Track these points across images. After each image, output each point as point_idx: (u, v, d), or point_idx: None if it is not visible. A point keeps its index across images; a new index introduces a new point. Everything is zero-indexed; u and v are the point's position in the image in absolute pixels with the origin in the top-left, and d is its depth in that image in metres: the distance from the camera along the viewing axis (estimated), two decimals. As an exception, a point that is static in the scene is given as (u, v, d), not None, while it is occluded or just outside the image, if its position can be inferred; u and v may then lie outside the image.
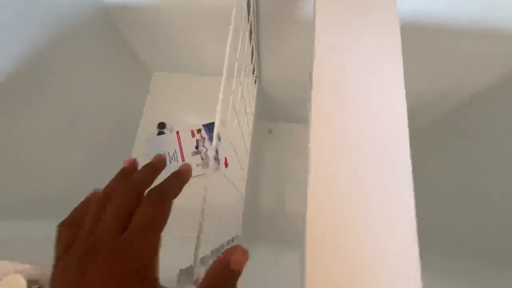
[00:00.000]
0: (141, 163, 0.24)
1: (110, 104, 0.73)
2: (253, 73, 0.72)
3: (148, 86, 0.88)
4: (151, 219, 0.18)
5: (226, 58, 0.28)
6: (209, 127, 0.81)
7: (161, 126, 0.83)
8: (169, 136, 0.81)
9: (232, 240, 0.55)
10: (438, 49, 0.59)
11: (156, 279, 0.17)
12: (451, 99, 0.70)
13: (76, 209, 0.22)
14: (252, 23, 0.56)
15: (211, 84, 0.85)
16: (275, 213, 0.90)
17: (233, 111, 0.38)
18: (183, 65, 0.86)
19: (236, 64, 0.35)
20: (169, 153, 0.79)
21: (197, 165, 0.77)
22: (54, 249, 0.19)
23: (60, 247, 0.19)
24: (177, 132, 0.81)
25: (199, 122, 0.82)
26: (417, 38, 0.55)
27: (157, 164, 0.24)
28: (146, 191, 0.21)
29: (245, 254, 0.18)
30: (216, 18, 0.65)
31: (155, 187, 0.21)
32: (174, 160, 0.79)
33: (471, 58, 0.59)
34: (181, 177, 0.23)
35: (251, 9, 0.51)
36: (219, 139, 0.87)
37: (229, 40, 0.29)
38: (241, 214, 0.62)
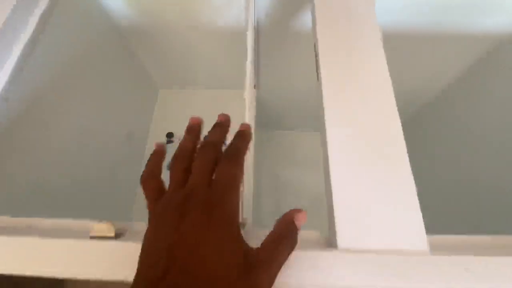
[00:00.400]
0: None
1: (120, 117, 0.79)
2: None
3: (156, 100, 0.96)
4: (234, 176, 0.21)
5: (247, 74, 0.36)
6: (214, 134, 0.89)
7: (170, 135, 0.90)
8: (177, 144, 0.88)
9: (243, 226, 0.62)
10: (407, 51, 0.68)
11: (239, 227, 0.21)
12: (424, 94, 0.81)
13: (150, 162, 0.25)
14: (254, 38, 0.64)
15: (214, 96, 0.93)
16: (273, 218, 0.94)
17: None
18: (188, 80, 0.94)
19: (249, 77, 0.43)
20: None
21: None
22: (145, 195, 0.23)
23: (150, 194, 0.22)
24: (185, 141, 0.88)
25: (204, 131, 0.89)
26: (390, 43, 0.66)
27: (226, 123, 0.26)
28: (223, 150, 0.23)
29: (305, 215, 0.23)
30: (217, 36, 0.73)
31: (230, 147, 0.23)
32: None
33: (435, 59, 0.70)
34: (247, 136, 0.25)
35: (253, 26, 0.60)
36: (225, 143, 0.94)
37: (248, 58, 0.38)
38: (251, 205, 0.69)
